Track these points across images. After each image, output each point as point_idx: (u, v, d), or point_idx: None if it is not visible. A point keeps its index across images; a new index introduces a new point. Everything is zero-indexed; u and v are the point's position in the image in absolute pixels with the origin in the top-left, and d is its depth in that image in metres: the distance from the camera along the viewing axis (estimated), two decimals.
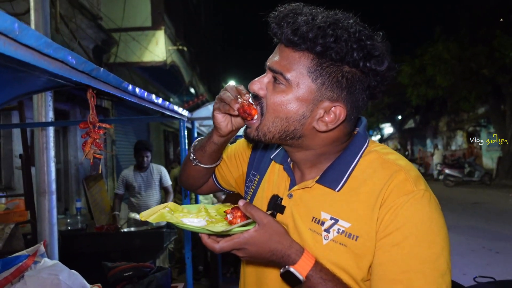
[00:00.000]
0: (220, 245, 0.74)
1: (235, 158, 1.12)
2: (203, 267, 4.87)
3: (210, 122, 5.28)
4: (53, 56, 0.58)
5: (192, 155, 1.05)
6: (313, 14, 0.76)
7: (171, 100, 11.46)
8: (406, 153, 23.37)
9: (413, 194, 0.76)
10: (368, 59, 0.75)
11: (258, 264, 0.90)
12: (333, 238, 0.80)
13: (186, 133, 2.00)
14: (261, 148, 1.07)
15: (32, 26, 2.21)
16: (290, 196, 0.89)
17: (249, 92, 0.85)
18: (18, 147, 4.20)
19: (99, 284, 1.59)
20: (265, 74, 0.83)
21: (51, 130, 2.26)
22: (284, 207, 0.89)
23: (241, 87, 0.87)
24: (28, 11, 2.41)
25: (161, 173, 4.32)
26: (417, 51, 14.99)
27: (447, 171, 14.27)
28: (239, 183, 1.13)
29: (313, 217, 0.83)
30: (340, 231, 0.79)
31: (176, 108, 1.59)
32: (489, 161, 16.28)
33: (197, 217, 0.82)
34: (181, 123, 1.91)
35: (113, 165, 7.07)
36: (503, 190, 11.83)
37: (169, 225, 4.31)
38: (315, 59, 0.76)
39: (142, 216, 0.79)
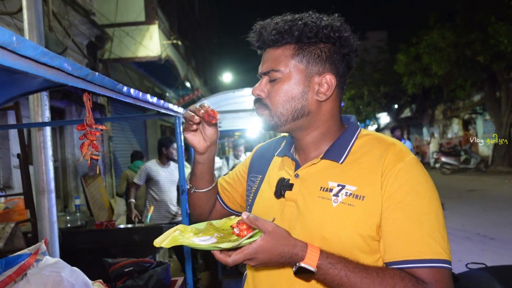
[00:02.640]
0: (232, 259, 0.79)
1: (237, 176, 1.20)
2: (203, 260, 4.93)
3: None
4: (49, 64, 0.61)
5: (188, 185, 1.14)
6: (281, 18, 0.94)
7: (167, 94, 11.42)
8: (403, 141, 23.43)
9: (408, 160, 0.89)
10: (334, 31, 0.91)
11: (269, 268, 0.95)
12: (342, 201, 0.89)
13: (182, 129, 2.04)
14: (258, 156, 1.16)
15: (25, 25, 2.21)
16: (297, 176, 0.98)
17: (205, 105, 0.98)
18: (15, 146, 4.21)
19: (100, 280, 1.63)
20: (260, 80, 0.97)
21: (48, 129, 2.27)
22: (292, 184, 0.97)
23: (201, 103, 1.00)
24: (20, 9, 2.40)
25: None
26: (412, 40, 14.96)
27: (443, 159, 14.36)
28: (244, 197, 1.18)
29: (321, 187, 0.93)
30: (348, 193, 0.89)
31: (171, 106, 1.61)
32: (485, 148, 16.39)
33: (206, 234, 0.86)
34: (177, 120, 1.94)
35: (111, 161, 7.08)
36: (499, 176, 11.94)
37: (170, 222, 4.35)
38: (295, 46, 0.92)
39: (156, 243, 0.82)
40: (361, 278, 0.80)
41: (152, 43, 7.36)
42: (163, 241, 0.81)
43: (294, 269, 0.82)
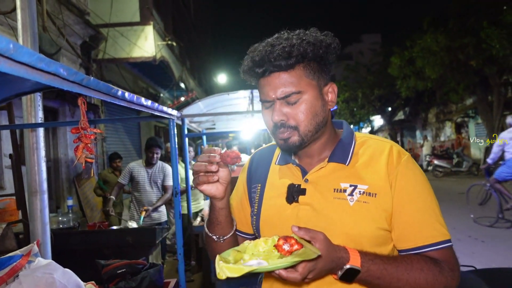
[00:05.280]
0: (300, 272, 0.78)
1: (239, 196, 1.18)
2: (195, 262, 4.93)
3: (200, 119, 5.31)
4: (45, 70, 0.62)
5: (215, 238, 1.06)
6: (283, 39, 0.95)
7: (161, 95, 11.39)
8: None
9: (406, 158, 0.99)
10: (327, 47, 0.97)
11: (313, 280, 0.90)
12: (357, 199, 0.96)
13: (175, 132, 2.03)
14: (255, 167, 1.17)
15: (19, 25, 2.20)
16: (306, 181, 1.03)
17: (215, 147, 0.94)
18: (7, 146, 4.18)
19: (93, 282, 1.63)
20: (273, 106, 0.98)
21: (41, 130, 2.26)
22: (304, 189, 1.02)
23: (209, 149, 0.96)
24: (14, 9, 2.39)
25: (165, 172, 4.36)
26: (406, 43, 15.09)
27: (436, 162, 14.48)
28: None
29: (335, 189, 0.99)
30: (361, 192, 0.97)
31: (165, 108, 1.62)
32: (477, 151, 16.56)
33: (250, 259, 0.81)
34: (171, 123, 1.94)
35: (104, 162, 7.05)
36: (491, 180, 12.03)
37: (164, 222, 4.34)
38: (305, 65, 0.96)
39: (220, 276, 0.76)
40: (395, 267, 0.88)
41: (146, 44, 7.35)
42: (222, 273, 0.76)
43: (340, 272, 0.85)
